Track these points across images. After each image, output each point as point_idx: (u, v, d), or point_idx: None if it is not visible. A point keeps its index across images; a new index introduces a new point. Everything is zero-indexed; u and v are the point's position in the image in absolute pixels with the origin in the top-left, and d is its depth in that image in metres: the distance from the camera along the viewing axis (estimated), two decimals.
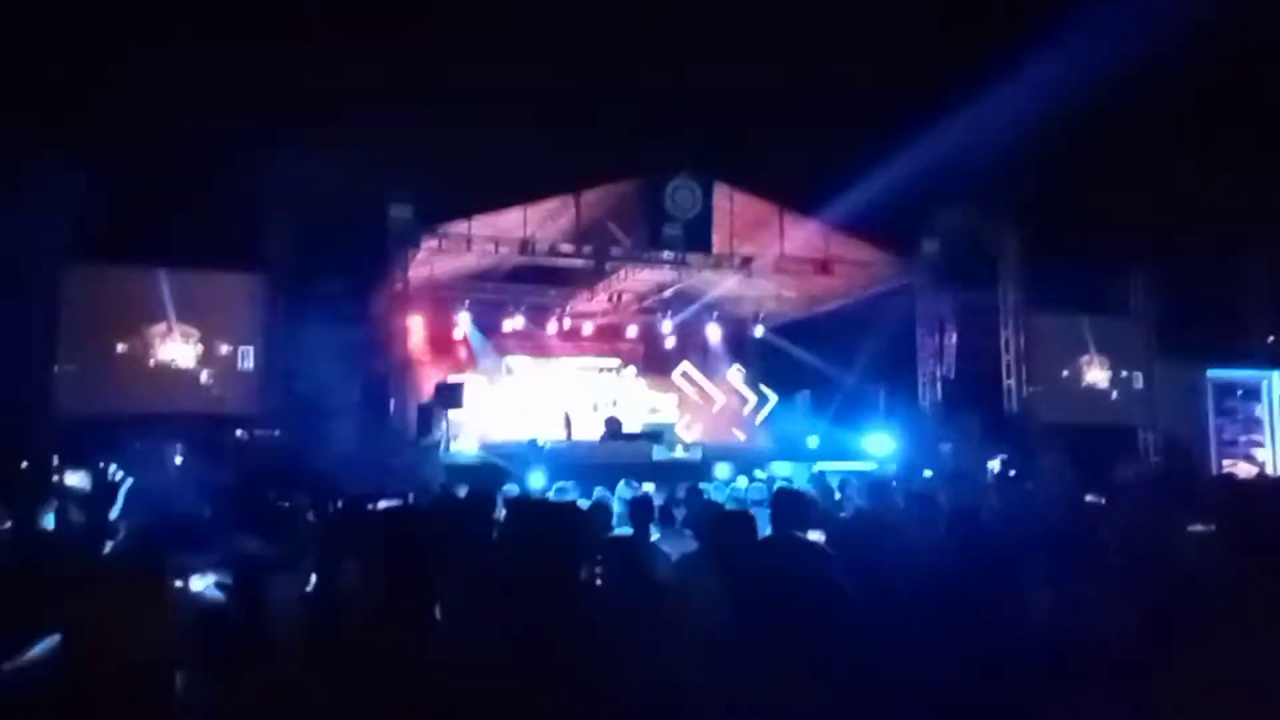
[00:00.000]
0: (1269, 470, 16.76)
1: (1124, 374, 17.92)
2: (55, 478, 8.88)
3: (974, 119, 17.65)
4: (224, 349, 14.10)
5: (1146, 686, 3.00)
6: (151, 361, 13.73)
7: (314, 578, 3.81)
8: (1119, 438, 17.45)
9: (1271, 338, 18.48)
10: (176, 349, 13.87)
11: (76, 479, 6.83)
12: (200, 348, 13.98)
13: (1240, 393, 17.58)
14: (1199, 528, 4.19)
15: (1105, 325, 18.17)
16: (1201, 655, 3.00)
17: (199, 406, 13.75)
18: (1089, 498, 5.85)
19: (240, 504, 5.21)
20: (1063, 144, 18.58)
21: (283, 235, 13.91)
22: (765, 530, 4.73)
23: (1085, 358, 17.87)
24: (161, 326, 13.78)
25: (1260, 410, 17.48)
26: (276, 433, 13.49)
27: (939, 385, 17.41)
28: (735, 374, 22.49)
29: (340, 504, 5.50)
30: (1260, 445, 17.39)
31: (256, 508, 5.18)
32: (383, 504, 4.71)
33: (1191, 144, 18.51)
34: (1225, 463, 17.09)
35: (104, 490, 5.29)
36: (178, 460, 12.20)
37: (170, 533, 4.20)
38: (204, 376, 13.99)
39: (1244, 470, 16.53)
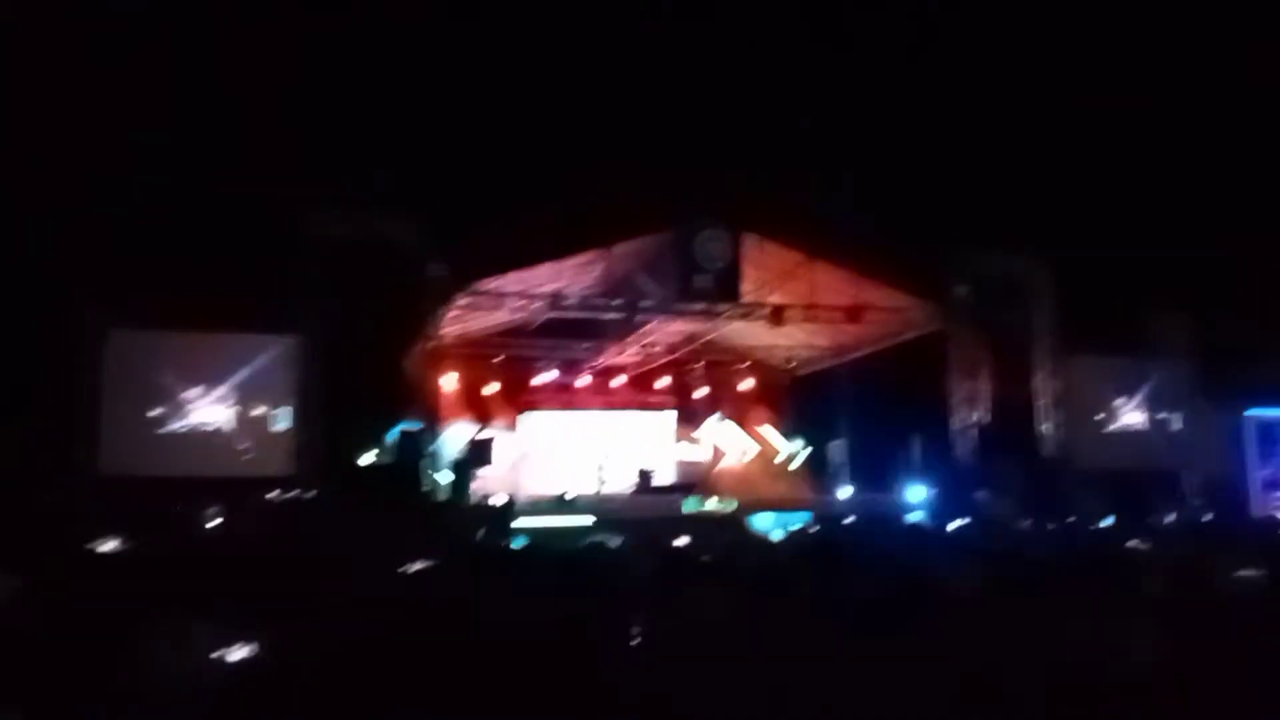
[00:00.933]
0: None
1: (1162, 416, 17.65)
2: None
3: (1004, 160, 17.67)
4: (258, 410, 14.24)
5: None
6: (185, 425, 13.89)
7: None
8: (1159, 481, 17.13)
9: None
10: (212, 412, 14.04)
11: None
12: (236, 410, 14.13)
13: None
14: (1246, 573, 4.11)
15: (1142, 367, 17.95)
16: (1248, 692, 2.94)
17: (234, 469, 13.85)
18: (1131, 543, 5.75)
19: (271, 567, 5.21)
20: (1094, 185, 18.55)
21: (317, 295, 14.08)
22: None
23: (1122, 400, 17.64)
24: (197, 390, 13.97)
25: None
26: (310, 494, 13.53)
27: (974, 432, 17.23)
28: (767, 424, 22.39)
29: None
30: None
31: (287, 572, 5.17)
32: (416, 566, 4.70)
33: (1224, 185, 18.39)
34: (1269, 505, 16.72)
35: None
36: (217, 522, 12.26)
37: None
38: (238, 439, 14.12)
39: None
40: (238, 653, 3.10)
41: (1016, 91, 18.07)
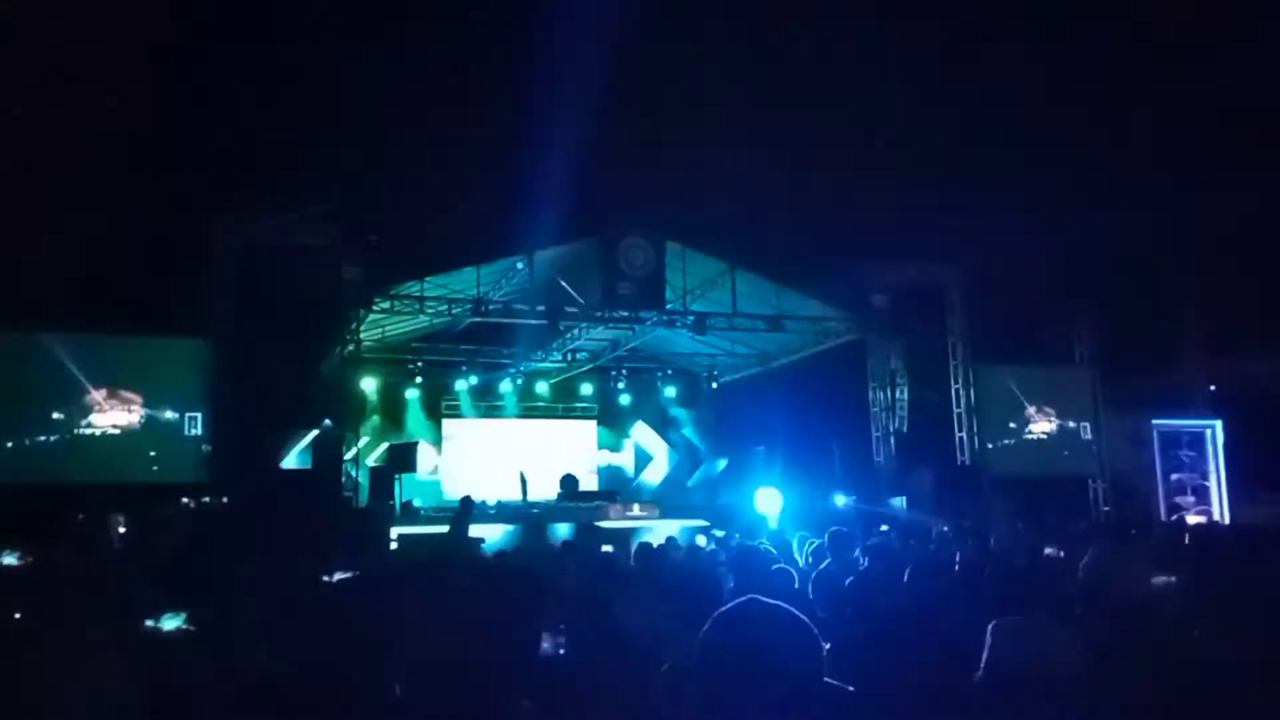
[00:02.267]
0: (1216, 517, 17.02)
1: (1072, 424, 18.19)
2: None
3: (920, 172, 18.03)
4: (168, 415, 13.80)
5: None
6: (89, 430, 13.39)
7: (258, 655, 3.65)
8: (1070, 488, 17.67)
9: (1213, 387, 18.89)
10: (116, 416, 13.55)
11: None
12: (143, 415, 13.67)
13: (1186, 441, 17.89)
14: (1162, 579, 4.21)
15: (1052, 377, 18.48)
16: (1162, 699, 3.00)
17: (143, 476, 13.40)
18: (1048, 550, 5.87)
19: (184, 577, 5.02)
20: (1006, 197, 19.01)
21: (230, 298, 13.71)
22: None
23: (1033, 409, 18.12)
24: (100, 394, 13.47)
25: (1205, 458, 17.80)
26: (225, 500, 13.13)
27: (892, 440, 17.54)
28: (690, 431, 22.48)
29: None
30: (1207, 493, 17.68)
31: (202, 582, 4.99)
32: (337, 576, 4.56)
33: (1130, 201, 19.02)
34: (1176, 511, 17.33)
35: None
36: (121, 531, 11.83)
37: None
38: (147, 444, 13.66)
39: (1189, 517, 16.81)
40: (147, 675, 2.95)
41: (932, 103, 18.45)
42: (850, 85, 18.26)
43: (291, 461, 14.92)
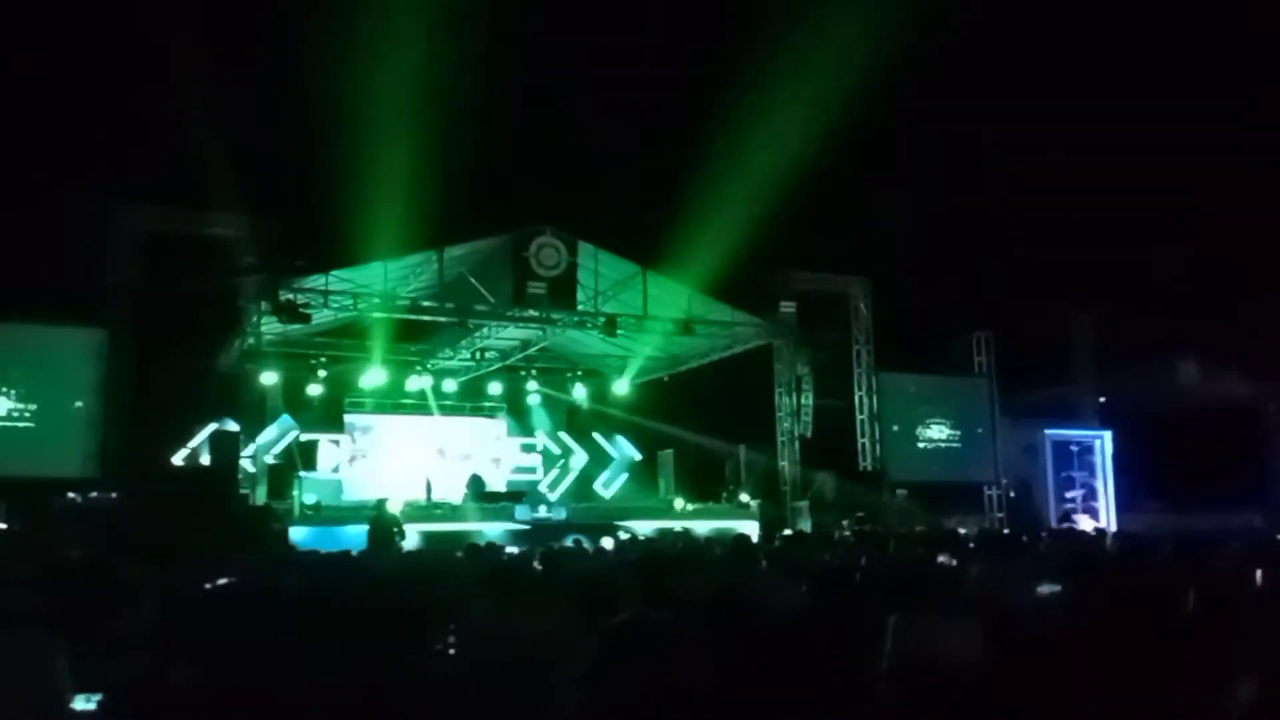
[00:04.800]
0: (1103, 524, 17.69)
1: (969, 432, 18.71)
2: None
3: (829, 185, 18.33)
4: (57, 406, 13.26)
5: None
6: None
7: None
8: (966, 494, 18.19)
9: (1102, 399, 19.64)
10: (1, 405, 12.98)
11: None
12: (28, 405, 13.11)
13: (1076, 450, 18.57)
14: (1046, 589, 4.35)
15: (951, 385, 18.99)
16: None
17: (27, 468, 12.85)
18: (941, 559, 6.04)
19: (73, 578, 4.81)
20: (908, 209, 19.48)
21: (125, 289, 13.25)
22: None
23: (933, 416, 18.59)
24: None
25: (1094, 467, 18.50)
26: (113, 496, 12.67)
27: (797, 444, 17.80)
28: (599, 432, 22.46)
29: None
30: (1095, 501, 18.37)
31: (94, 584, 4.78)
32: (221, 581, 4.42)
33: (1028, 215, 19.67)
34: (1067, 519, 17.96)
35: None
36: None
37: None
38: (32, 435, 13.11)
39: (1083, 524, 17.43)
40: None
41: (842, 117, 18.78)
42: (765, 89, 18.50)
43: (185, 457, 14.47)
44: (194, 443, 14.63)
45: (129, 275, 13.23)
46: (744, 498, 17.50)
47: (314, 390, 19.56)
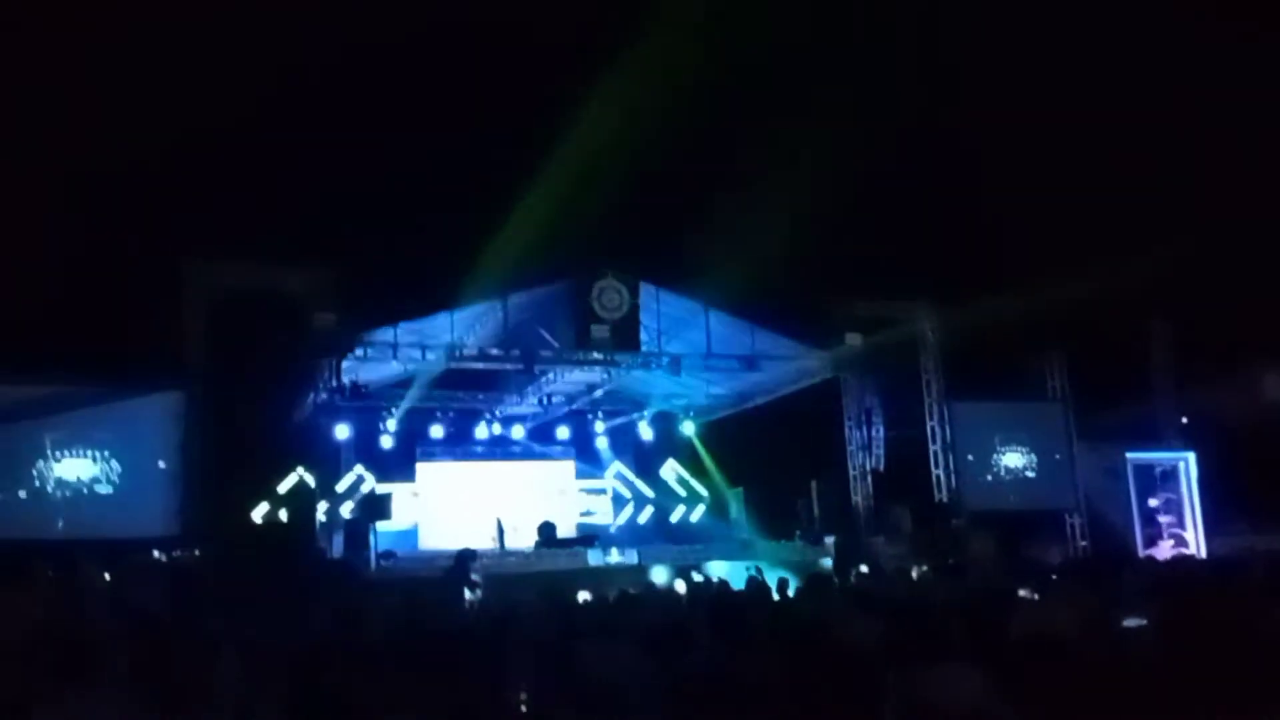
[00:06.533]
0: (1190, 550, 17.07)
1: (1046, 458, 18.20)
2: None
3: (892, 211, 18.20)
4: (139, 467, 13.60)
5: None
6: (56, 485, 13.14)
7: None
8: (1046, 522, 17.69)
9: (1185, 419, 19.02)
10: (84, 468, 13.33)
11: None
12: (113, 466, 13.47)
13: (1159, 473, 17.98)
14: (1132, 622, 4.21)
15: (1026, 411, 18.52)
16: None
17: (114, 530, 13.17)
18: (1022, 592, 5.87)
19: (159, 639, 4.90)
20: (975, 234, 19.22)
21: (201, 347, 13.59)
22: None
23: (1009, 444, 18.14)
24: (72, 445, 13.25)
25: (1180, 491, 17.87)
26: (196, 553, 12.93)
27: (869, 478, 17.52)
28: (669, 472, 22.40)
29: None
30: (1181, 526, 17.73)
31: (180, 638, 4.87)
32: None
33: (1098, 234, 19.28)
34: (1153, 544, 17.36)
35: None
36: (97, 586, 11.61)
37: None
38: (117, 497, 13.44)
39: (1165, 550, 16.84)
40: None
41: (902, 144, 18.68)
42: (823, 123, 18.49)
43: (265, 513, 14.74)
44: (274, 498, 14.88)
45: (202, 332, 13.56)
46: (820, 534, 17.27)
47: (386, 441, 19.86)
